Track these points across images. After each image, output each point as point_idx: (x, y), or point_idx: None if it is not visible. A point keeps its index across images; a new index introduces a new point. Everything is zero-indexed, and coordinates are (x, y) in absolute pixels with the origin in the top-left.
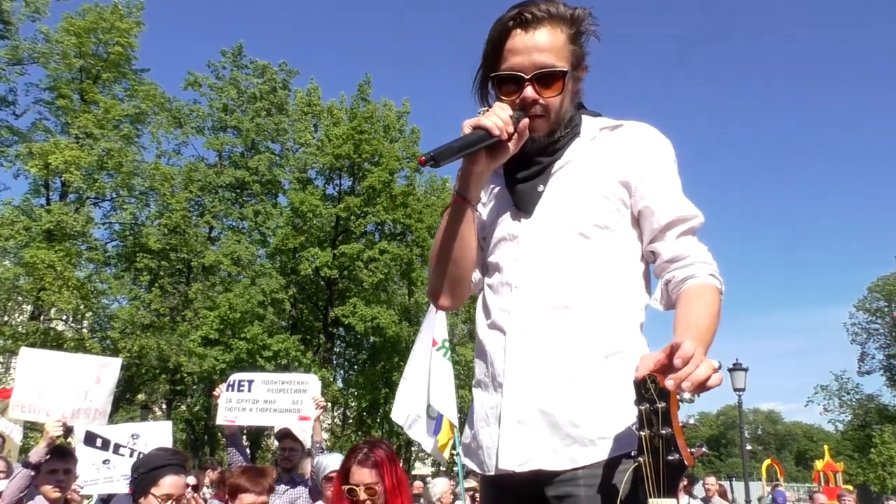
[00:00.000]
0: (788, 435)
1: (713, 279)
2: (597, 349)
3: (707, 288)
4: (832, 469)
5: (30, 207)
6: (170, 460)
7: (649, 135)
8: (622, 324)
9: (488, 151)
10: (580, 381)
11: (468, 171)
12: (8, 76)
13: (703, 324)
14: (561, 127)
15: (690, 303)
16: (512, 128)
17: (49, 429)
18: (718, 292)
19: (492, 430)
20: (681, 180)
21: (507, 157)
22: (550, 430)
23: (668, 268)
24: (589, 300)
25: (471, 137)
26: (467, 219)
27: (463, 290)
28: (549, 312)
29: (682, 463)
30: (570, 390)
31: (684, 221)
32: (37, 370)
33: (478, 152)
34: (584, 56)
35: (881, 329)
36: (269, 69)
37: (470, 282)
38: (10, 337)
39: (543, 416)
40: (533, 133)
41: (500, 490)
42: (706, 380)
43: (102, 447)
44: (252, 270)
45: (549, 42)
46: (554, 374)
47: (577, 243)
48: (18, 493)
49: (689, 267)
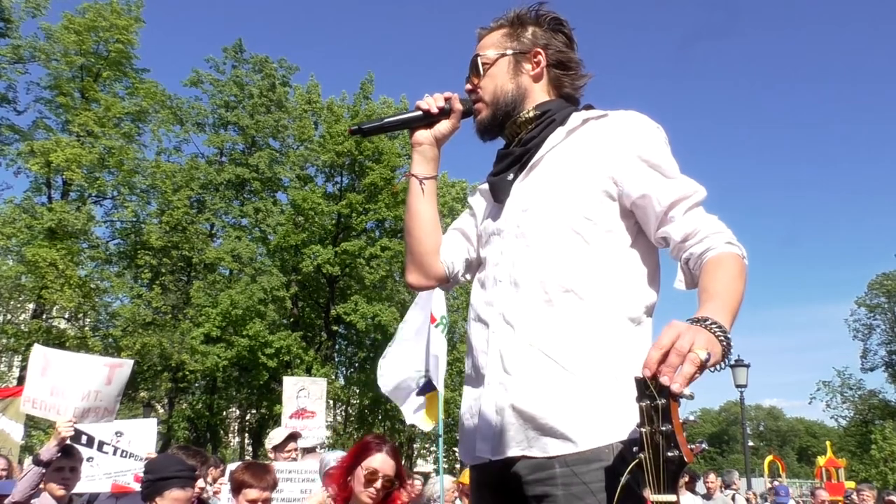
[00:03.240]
0: (791, 431)
1: (732, 247)
2: (575, 343)
3: (727, 256)
4: (834, 465)
5: (31, 206)
6: (177, 472)
7: (635, 122)
8: (606, 316)
9: (427, 126)
10: (557, 374)
11: (412, 145)
12: (9, 74)
13: (724, 292)
14: (504, 109)
15: (710, 274)
16: (442, 102)
17: (60, 428)
18: (740, 258)
19: (474, 419)
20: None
21: (448, 132)
22: (525, 421)
23: (684, 247)
24: (570, 293)
25: (404, 115)
26: (416, 193)
27: (427, 268)
28: (531, 306)
29: (682, 459)
30: (547, 383)
31: (686, 198)
32: (48, 368)
33: (412, 127)
34: (536, 43)
35: (882, 325)
36: (269, 64)
37: (435, 261)
38: (12, 335)
39: (519, 406)
40: (477, 116)
41: (485, 487)
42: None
43: (87, 444)
44: (252, 268)
45: (484, 42)
46: (531, 368)
47: (560, 236)
48: (30, 489)
49: (705, 240)
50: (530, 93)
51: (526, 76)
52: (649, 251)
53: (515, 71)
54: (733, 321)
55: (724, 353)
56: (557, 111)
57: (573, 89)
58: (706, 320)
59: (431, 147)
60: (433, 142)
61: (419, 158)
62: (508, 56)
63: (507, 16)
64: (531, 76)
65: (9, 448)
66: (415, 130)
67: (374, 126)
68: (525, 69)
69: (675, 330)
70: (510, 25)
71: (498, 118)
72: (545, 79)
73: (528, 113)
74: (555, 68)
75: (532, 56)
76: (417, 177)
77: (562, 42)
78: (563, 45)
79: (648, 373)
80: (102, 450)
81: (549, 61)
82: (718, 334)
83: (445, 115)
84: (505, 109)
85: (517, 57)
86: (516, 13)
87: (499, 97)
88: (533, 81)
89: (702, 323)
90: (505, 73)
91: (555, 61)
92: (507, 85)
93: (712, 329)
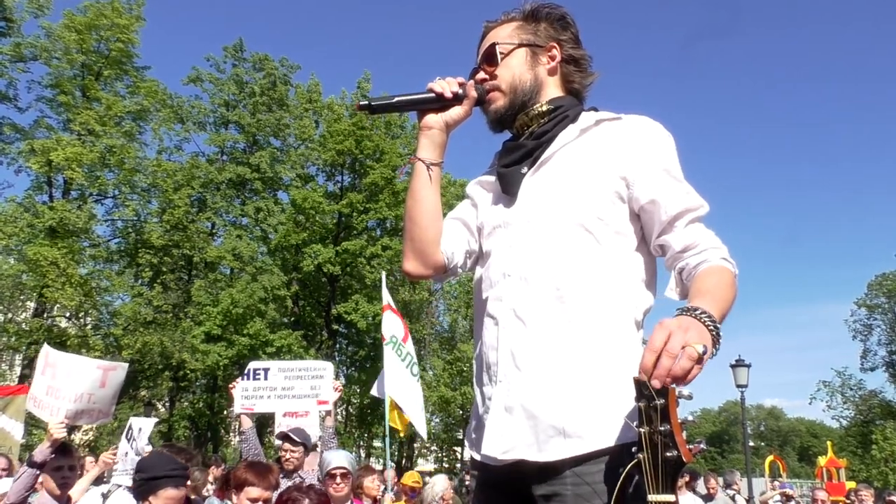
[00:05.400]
0: (791, 431)
1: (725, 262)
2: (587, 342)
3: (719, 269)
4: (835, 465)
5: (32, 204)
6: (170, 471)
7: (649, 128)
8: (615, 317)
9: (438, 110)
10: (568, 374)
11: (420, 128)
12: (10, 73)
13: (715, 291)
14: (522, 98)
15: (702, 279)
16: (456, 87)
17: (52, 430)
18: (732, 273)
19: (484, 418)
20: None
21: (459, 119)
22: (535, 421)
23: (681, 257)
24: (582, 292)
25: (415, 95)
26: (422, 177)
27: (427, 256)
28: (542, 302)
29: (681, 459)
30: (558, 382)
31: (691, 211)
32: (48, 368)
33: (423, 109)
34: (551, 37)
35: (882, 325)
36: (269, 62)
37: (436, 250)
38: (13, 334)
39: (529, 406)
40: (492, 105)
41: (491, 486)
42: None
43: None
44: (253, 267)
45: (495, 33)
46: (543, 366)
47: (571, 233)
48: (24, 491)
49: (702, 253)
50: (545, 86)
51: (542, 68)
52: (651, 256)
53: (533, 62)
54: (722, 319)
55: (714, 342)
56: (570, 108)
57: (581, 87)
58: (696, 309)
59: (441, 132)
60: (443, 127)
61: (427, 143)
62: (526, 47)
63: (520, 9)
64: (547, 69)
65: (9, 447)
66: (425, 113)
67: (383, 104)
68: (542, 61)
69: (666, 329)
70: (524, 19)
71: (515, 107)
72: (558, 74)
73: (541, 106)
74: (568, 64)
75: (548, 49)
76: (424, 161)
77: (571, 39)
78: (574, 42)
79: (645, 377)
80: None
81: (563, 56)
82: (707, 323)
83: (458, 101)
84: (522, 99)
85: (534, 49)
86: (531, 7)
87: (517, 86)
88: (548, 75)
89: (691, 312)
90: (523, 63)
91: (568, 57)
92: (525, 75)
93: (701, 318)
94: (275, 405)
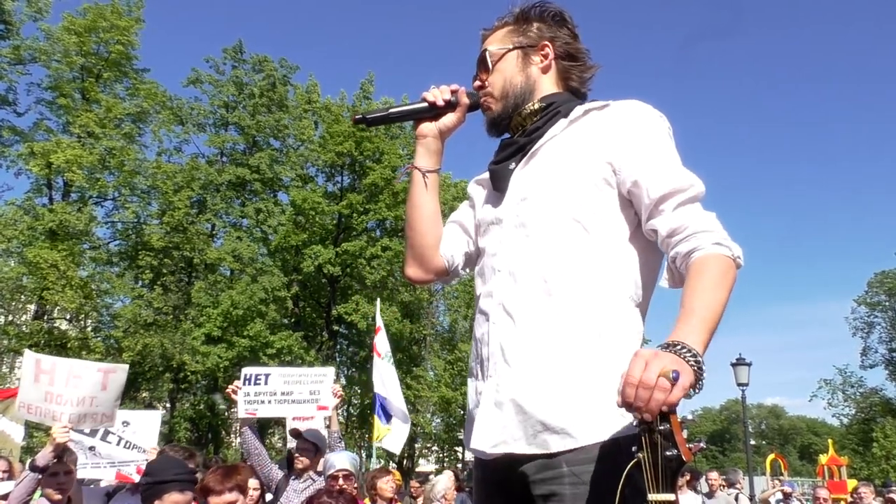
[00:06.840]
0: (792, 429)
1: (719, 247)
2: (576, 336)
3: (712, 260)
4: (836, 463)
5: (32, 207)
6: (176, 476)
7: (636, 110)
8: (606, 308)
9: (432, 118)
10: (557, 368)
11: (417, 137)
12: (9, 76)
13: (700, 307)
14: (514, 101)
15: (690, 283)
16: (448, 95)
17: (56, 435)
18: (728, 260)
19: (475, 412)
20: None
21: (453, 125)
22: (524, 416)
23: (669, 243)
24: (570, 284)
25: (409, 106)
26: (419, 185)
27: (427, 261)
28: (530, 296)
29: (681, 458)
30: (547, 377)
31: (680, 192)
32: (41, 375)
33: (417, 118)
34: (543, 36)
35: (882, 323)
36: (269, 63)
37: (436, 254)
38: (14, 336)
39: (518, 401)
40: (486, 111)
41: (489, 485)
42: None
43: (91, 433)
44: (253, 268)
45: (489, 40)
46: (531, 360)
47: (558, 225)
48: (26, 495)
49: (691, 239)
50: (539, 85)
51: (535, 67)
52: (649, 243)
53: (524, 64)
54: (711, 337)
55: (697, 378)
56: (563, 103)
57: (581, 82)
58: (676, 345)
59: (435, 140)
60: (437, 134)
61: (423, 151)
62: (516, 50)
63: (510, 13)
64: (540, 68)
65: (9, 449)
66: (419, 122)
67: (378, 116)
68: (534, 61)
69: (642, 360)
70: (514, 22)
71: (508, 111)
72: (553, 70)
73: (533, 105)
74: (563, 60)
75: (540, 48)
76: (420, 169)
77: (567, 35)
78: (569, 38)
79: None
80: (107, 439)
81: (556, 53)
82: (689, 359)
83: (451, 108)
84: (515, 102)
85: (525, 50)
86: (520, 10)
87: (508, 91)
88: (542, 73)
89: (672, 348)
90: (513, 66)
91: (563, 53)
92: (515, 78)
93: (682, 354)
94: (276, 410)
